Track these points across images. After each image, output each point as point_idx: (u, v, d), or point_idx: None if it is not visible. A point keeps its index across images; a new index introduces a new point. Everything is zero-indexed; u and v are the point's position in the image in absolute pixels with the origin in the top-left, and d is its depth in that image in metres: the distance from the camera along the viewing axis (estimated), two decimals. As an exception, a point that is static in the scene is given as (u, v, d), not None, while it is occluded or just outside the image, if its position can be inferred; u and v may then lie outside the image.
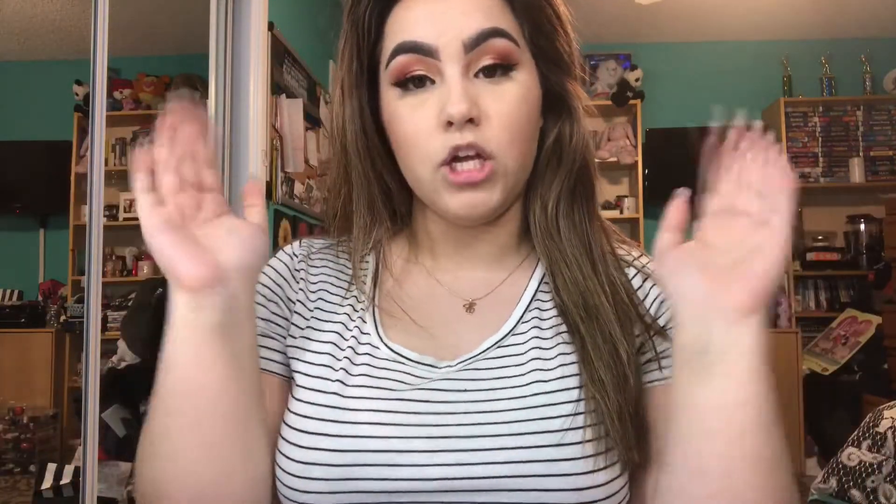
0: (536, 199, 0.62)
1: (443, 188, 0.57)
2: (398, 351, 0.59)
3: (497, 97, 0.56)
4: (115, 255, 3.68)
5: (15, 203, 3.64)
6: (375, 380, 0.57)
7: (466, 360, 0.58)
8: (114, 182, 3.61)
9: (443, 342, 0.60)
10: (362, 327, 0.61)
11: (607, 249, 0.62)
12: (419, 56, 0.56)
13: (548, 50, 0.60)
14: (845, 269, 4.05)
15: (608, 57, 4.29)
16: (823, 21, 4.02)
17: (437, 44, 0.55)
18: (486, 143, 0.55)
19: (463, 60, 0.55)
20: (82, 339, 1.72)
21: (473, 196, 0.56)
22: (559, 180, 0.61)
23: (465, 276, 0.64)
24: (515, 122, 0.56)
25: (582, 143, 0.62)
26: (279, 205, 2.51)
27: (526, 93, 0.58)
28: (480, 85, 0.56)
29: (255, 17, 2.34)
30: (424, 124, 0.56)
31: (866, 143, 4.15)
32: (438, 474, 0.52)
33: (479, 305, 0.62)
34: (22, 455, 3.00)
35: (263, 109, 2.35)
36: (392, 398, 0.56)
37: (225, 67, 2.31)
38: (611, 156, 4.12)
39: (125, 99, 3.68)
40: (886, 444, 1.72)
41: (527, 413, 0.54)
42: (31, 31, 3.46)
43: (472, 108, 0.54)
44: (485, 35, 0.55)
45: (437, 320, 0.61)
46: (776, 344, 3.72)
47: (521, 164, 0.58)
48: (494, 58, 0.56)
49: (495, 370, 0.57)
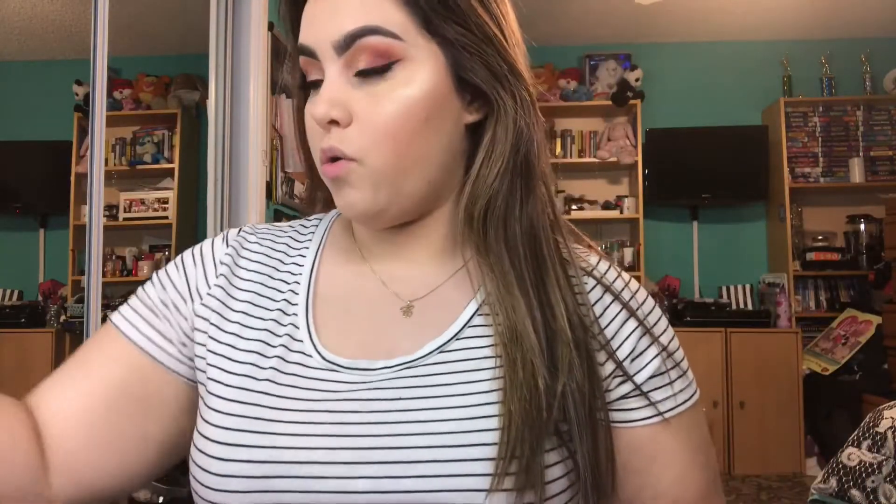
0: (462, 209, 0.57)
1: (329, 185, 0.57)
2: (331, 359, 0.55)
3: (368, 99, 0.53)
4: (115, 255, 3.68)
5: (15, 203, 3.64)
6: (303, 391, 0.53)
7: (405, 363, 0.55)
8: (114, 182, 3.61)
9: (380, 345, 0.56)
10: (294, 333, 0.57)
11: (554, 269, 0.56)
12: (307, 58, 0.55)
13: (458, 35, 0.54)
14: (845, 269, 4.05)
15: (608, 57, 4.29)
16: (823, 21, 4.02)
17: (315, 45, 0.54)
18: (345, 147, 0.53)
19: (339, 61, 0.53)
20: (82, 339, 1.72)
21: (347, 194, 0.55)
22: (487, 185, 0.55)
23: (402, 276, 0.60)
24: (383, 125, 0.53)
25: (515, 139, 0.55)
26: (279, 205, 2.51)
27: (401, 90, 0.53)
28: (356, 86, 0.54)
29: (255, 17, 2.34)
30: (311, 123, 0.56)
31: (866, 143, 4.15)
32: (365, 487, 0.49)
33: (418, 307, 0.58)
34: (22, 455, 2.99)
35: (263, 109, 2.35)
36: (319, 409, 0.52)
37: (225, 67, 2.31)
38: (611, 156, 4.12)
39: (125, 99, 3.68)
40: (886, 444, 1.72)
41: (461, 424, 0.51)
42: (31, 31, 3.46)
43: (331, 111, 0.53)
44: (353, 36, 0.52)
45: (374, 321, 0.58)
46: (776, 344, 3.72)
47: (395, 165, 0.54)
48: (368, 58, 0.53)
49: (433, 377, 0.53)
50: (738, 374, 3.70)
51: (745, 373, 3.69)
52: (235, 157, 2.32)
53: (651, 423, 0.56)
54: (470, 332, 0.56)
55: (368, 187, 0.54)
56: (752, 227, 4.33)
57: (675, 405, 0.57)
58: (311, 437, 0.51)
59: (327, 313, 0.59)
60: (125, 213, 3.60)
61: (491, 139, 0.56)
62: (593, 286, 0.58)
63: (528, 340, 0.52)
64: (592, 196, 4.23)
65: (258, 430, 0.52)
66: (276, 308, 0.59)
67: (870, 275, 3.82)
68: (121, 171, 3.67)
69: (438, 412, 0.51)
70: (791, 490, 3.37)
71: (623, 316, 0.57)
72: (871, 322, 3.70)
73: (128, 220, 3.60)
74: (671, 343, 0.59)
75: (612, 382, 0.56)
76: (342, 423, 0.52)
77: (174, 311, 0.60)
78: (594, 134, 4.26)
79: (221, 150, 2.30)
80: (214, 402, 0.54)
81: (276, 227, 0.67)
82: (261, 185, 2.33)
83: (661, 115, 4.26)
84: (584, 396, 0.52)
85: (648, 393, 0.56)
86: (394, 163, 0.54)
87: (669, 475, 0.57)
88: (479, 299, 0.57)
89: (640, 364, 0.56)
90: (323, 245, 0.64)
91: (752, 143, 4.13)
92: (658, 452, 0.57)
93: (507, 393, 0.51)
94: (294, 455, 0.50)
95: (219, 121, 2.30)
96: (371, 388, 0.53)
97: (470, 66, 0.55)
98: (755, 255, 4.31)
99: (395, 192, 0.55)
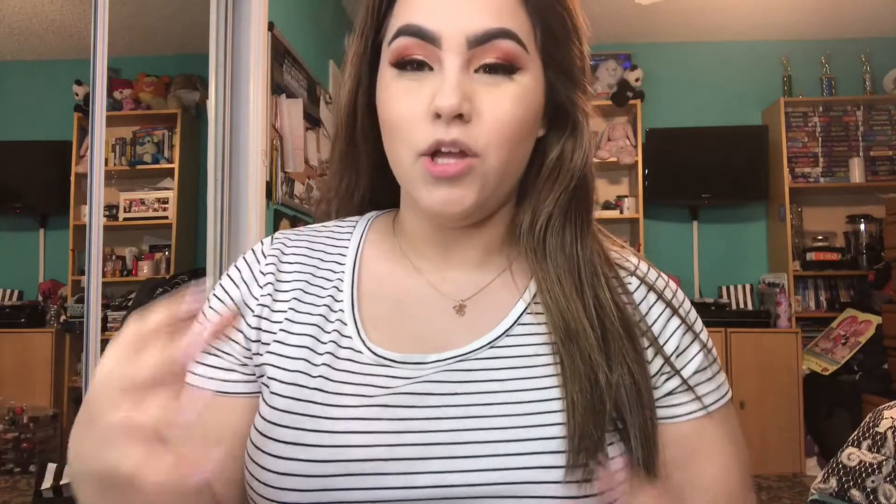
0: (527, 212, 0.60)
1: (420, 179, 0.54)
2: (382, 354, 0.56)
3: (493, 96, 0.54)
4: (115, 255, 3.68)
5: (15, 203, 3.64)
6: (357, 386, 0.54)
7: (457, 356, 0.56)
8: (114, 182, 3.61)
9: (431, 343, 0.57)
10: (342, 330, 0.58)
11: (602, 271, 0.59)
12: (421, 41, 0.53)
13: (559, 59, 0.57)
14: (845, 269, 4.05)
15: (608, 57, 4.29)
16: (823, 21, 4.02)
17: (441, 32, 0.53)
18: (472, 142, 0.53)
19: (465, 55, 0.53)
20: (82, 339, 1.72)
21: (450, 192, 0.53)
22: (553, 197, 0.59)
23: (452, 277, 0.61)
24: (507, 125, 0.54)
25: (583, 161, 0.59)
26: (279, 205, 2.51)
27: (525, 96, 0.55)
28: (479, 81, 0.54)
29: (255, 17, 2.34)
30: (413, 110, 0.54)
31: (866, 143, 4.15)
32: (429, 482, 0.50)
33: (469, 307, 0.59)
34: (22, 455, 3.00)
35: (263, 109, 2.35)
36: (375, 404, 0.53)
37: (225, 67, 2.31)
38: (611, 156, 4.12)
39: (125, 99, 3.68)
40: (886, 444, 1.72)
41: (521, 419, 0.52)
42: (31, 31, 3.46)
43: (462, 104, 0.52)
44: (491, 34, 0.53)
45: (424, 321, 0.59)
46: (776, 344, 3.73)
47: (505, 168, 0.55)
48: (498, 57, 0.53)
49: (487, 371, 0.55)
50: (738, 374, 3.69)
51: (745, 373, 3.69)
52: (235, 157, 2.32)
53: (695, 418, 0.58)
54: (520, 329, 0.58)
55: (478, 186, 0.54)
56: (752, 227, 4.33)
57: (717, 398, 0.60)
58: (371, 434, 0.52)
59: (375, 312, 0.59)
60: (125, 213, 3.60)
61: (559, 155, 0.59)
62: (637, 286, 0.61)
63: (584, 336, 0.55)
64: (592, 196, 4.23)
65: (316, 429, 0.52)
66: (323, 304, 0.59)
67: (870, 275, 3.82)
68: (121, 171, 3.67)
69: (496, 407, 0.53)
70: (791, 490, 3.37)
71: (667, 314, 0.60)
72: (871, 322, 3.70)
73: (128, 220, 3.61)
74: (709, 340, 0.61)
75: (658, 379, 0.58)
76: (401, 418, 0.52)
77: (231, 340, 0.59)
78: (594, 134, 4.25)
79: (221, 150, 2.30)
80: (272, 399, 0.55)
81: (310, 230, 0.66)
82: (261, 185, 2.33)
83: (661, 115, 4.26)
84: (636, 389, 0.54)
85: (694, 387, 0.58)
86: (505, 164, 0.55)
87: (711, 470, 0.59)
88: (528, 299, 0.59)
89: (684, 360, 0.58)
90: (362, 245, 0.64)
91: (752, 143, 4.13)
92: (700, 446, 0.58)
93: (569, 386, 0.53)
94: (355, 453, 0.51)
95: (219, 121, 2.30)
96: (425, 382, 0.54)
97: (563, 89, 0.58)
98: (755, 255, 4.31)
99: (495, 192, 0.56)
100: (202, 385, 0.59)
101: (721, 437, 0.59)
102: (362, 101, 0.60)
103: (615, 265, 0.61)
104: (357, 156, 0.63)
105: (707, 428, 0.58)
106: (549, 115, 0.59)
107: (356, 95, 0.60)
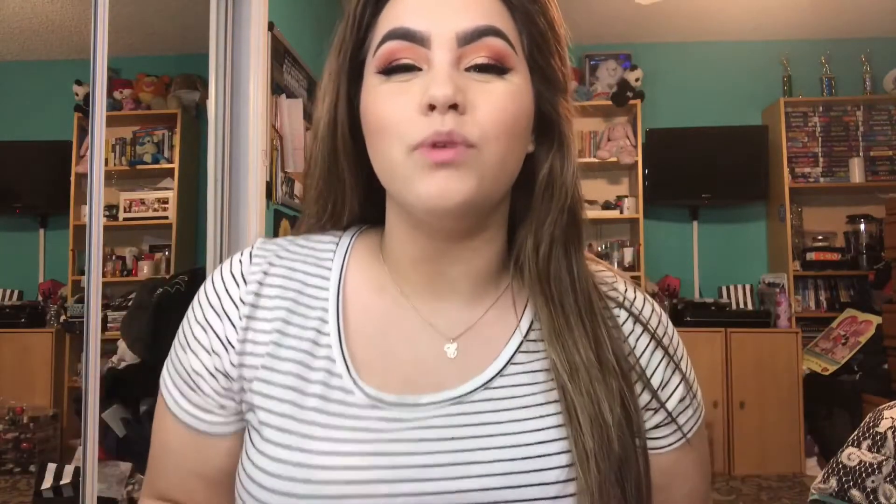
0: (529, 236, 0.58)
1: (416, 172, 0.51)
2: (374, 395, 0.54)
3: (486, 92, 0.52)
4: (115, 255, 3.68)
5: (15, 203, 3.64)
6: (351, 431, 0.52)
7: (451, 399, 0.54)
8: (114, 182, 3.62)
9: (423, 383, 0.55)
10: (331, 368, 0.55)
11: (595, 298, 0.58)
12: (409, 43, 0.52)
13: (544, 66, 0.56)
14: (845, 269, 4.05)
15: (608, 57, 4.29)
16: (823, 21, 4.02)
17: (430, 32, 0.52)
18: (468, 132, 0.50)
19: (455, 52, 0.52)
20: (82, 339, 1.72)
21: (448, 179, 0.50)
22: (552, 218, 0.57)
23: (443, 309, 0.58)
24: (502, 119, 0.52)
25: (573, 176, 0.58)
26: (279, 205, 2.51)
27: (518, 94, 0.54)
28: (470, 78, 0.52)
29: (255, 17, 2.34)
30: (403, 108, 0.51)
31: (866, 143, 4.15)
32: None
33: (461, 344, 0.57)
34: (22, 455, 3.00)
35: (263, 109, 2.35)
36: (370, 451, 0.51)
37: (225, 67, 2.31)
38: (611, 156, 4.12)
39: (125, 99, 3.68)
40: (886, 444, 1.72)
41: (522, 464, 0.51)
42: (31, 31, 3.46)
43: (457, 94, 0.50)
44: (481, 31, 0.52)
45: (415, 359, 0.56)
46: (776, 344, 3.73)
47: (502, 164, 0.53)
48: (488, 56, 0.52)
49: (483, 414, 0.53)
50: (738, 374, 3.69)
51: (745, 373, 3.69)
52: (235, 157, 2.32)
53: (675, 448, 0.60)
54: (514, 368, 0.56)
55: (475, 177, 0.51)
56: (752, 227, 4.33)
57: (694, 423, 0.62)
58: (368, 484, 0.50)
59: (364, 348, 0.56)
60: (125, 213, 3.60)
61: (549, 171, 0.58)
62: (626, 318, 0.60)
63: (586, 372, 0.54)
64: (592, 196, 4.23)
65: (309, 479, 0.50)
66: (307, 338, 0.56)
67: (870, 275, 3.82)
68: (121, 171, 3.67)
69: (494, 451, 0.52)
70: (791, 490, 3.37)
71: (652, 346, 0.60)
72: (871, 322, 3.70)
73: (128, 220, 3.61)
74: (688, 367, 0.62)
75: (645, 414, 0.59)
76: (397, 466, 0.51)
77: (208, 377, 0.57)
78: (594, 134, 4.26)
79: (221, 150, 2.30)
80: (260, 443, 0.53)
81: (291, 245, 0.62)
82: (261, 185, 2.33)
83: (661, 115, 4.26)
84: (631, 425, 0.55)
85: (676, 418, 0.60)
86: (502, 158, 0.53)
87: (687, 488, 0.62)
88: (520, 337, 0.58)
89: (667, 392, 0.60)
90: (345, 271, 0.60)
91: (752, 143, 4.13)
92: (679, 470, 0.61)
93: (580, 429, 0.52)
94: (352, 503, 0.50)
95: (219, 121, 2.30)
96: (421, 427, 0.53)
97: (548, 97, 0.57)
98: (755, 255, 4.31)
99: (492, 187, 0.53)
100: (183, 419, 0.58)
101: (695, 460, 0.62)
102: (343, 118, 0.58)
103: (605, 297, 0.60)
104: (340, 174, 0.59)
105: (685, 454, 0.61)
106: (536, 130, 0.58)
107: (335, 111, 0.58)
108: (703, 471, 0.63)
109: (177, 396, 0.58)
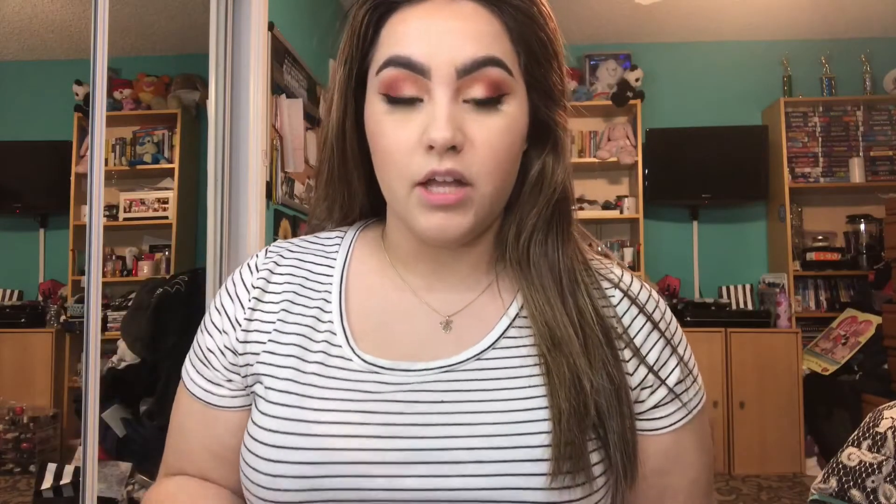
0: (512, 226, 0.62)
1: (416, 208, 0.56)
2: (372, 361, 0.58)
3: (484, 126, 0.55)
4: (115, 255, 3.68)
5: (15, 203, 3.64)
6: (347, 392, 0.56)
7: (444, 366, 0.58)
8: (114, 182, 3.61)
9: (419, 353, 0.59)
10: (332, 339, 0.60)
11: (582, 278, 0.61)
12: (410, 73, 0.55)
13: (541, 80, 0.59)
14: (845, 269, 4.05)
15: (608, 57, 4.29)
16: (823, 21, 4.02)
17: (430, 63, 0.54)
18: (465, 170, 0.54)
19: (454, 85, 0.54)
20: (82, 339, 1.72)
21: (446, 218, 0.55)
22: (536, 211, 0.61)
23: (440, 292, 0.63)
24: (497, 154, 0.56)
25: (564, 175, 0.62)
26: (279, 205, 2.51)
27: (512, 124, 0.57)
28: (467, 111, 0.55)
29: (255, 17, 2.34)
30: (406, 142, 0.55)
31: (866, 143, 4.15)
32: (413, 485, 0.52)
33: (456, 321, 0.62)
34: (22, 455, 3.00)
35: (263, 109, 2.35)
36: (364, 409, 0.55)
37: (225, 67, 2.31)
38: (611, 156, 4.12)
39: (125, 99, 3.68)
40: (886, 444, 1.72)
41: (506, 428, 0.54)
42: (31, 31, 3.46)
43: (455, 135, 0.53)
44: (478, 63, 0.54)
45: (412, 333, 0.61)
46: (776, 344, 3.72)
47: (498, 193, 0.58)
48: (485, 88, 0.55)
49: (474, 381, 0.57)
50: (738, 374, 3.70)
51: (745, 373, 3.69)
52: (235, 157, 2.32)
53: (676, 428, 0.61)
54: (505, 342, 0.60)
55: (473, 213, 0.56)
56: (752, 227, 4.33)
57: (698, 402, 0.63)
58: (360, 438, 0.54)
59: (364, 324, 0.61)
60: (125, 213, 3.60)
61: (541, 170, 0.61)
62: (621, 298, 0.63)
63: (568, 343, 0.57)
64: (592, 196, 4.23)
65: (306, 433, 0.55)
66: (311, 316, 0.62)
67: (870, 275, 3.82)
68: (121, 171, 3.67)
69: (482, 416, 0.55)
70: (791, 490, 3.37)
71: (648, 327, 0.62)
72: (871, 322, 3.70)
73: (128, 220, 3.61)
74: (686, 351, 0.64)
75: (641, 393, 0.60)
76: (389, 423, 0.55)
77: (218, 353, 0.63)
78: (594, 134, 4.25)
79: (221, 150, 2.30)
80: (264, 406, 0.58)
81: (302, 242, 0.68)
82: (261, 185, 2.33)
83: (661, 115, 4.26)
84: (616, 395, 0.57)
85: (680, 395, 0.61)
86: (497, 191, 0.57)
87: (690, 474, 0.63)
88: (512, 314, 0.62)
89: (665, 372, 0.61)
90: (349, 261, 0.65)
91: (752, 143, 4.13)
92: (680, 453, 0.62)
93: (556, 394, 0.55)
94: (343, 455, 0.53)
95: (219, 121, 2.30)
96: (413, 390, 0.57)
97: (545, 108, 0.60)
98: (755, 255, 4.31)
99: (487, 217, 0.58)
100: (195, 393, 0.64)
101: (696, 444, 0.63)
102: (350, 124, 0.62)
103: (597, 274, 0.63)
104: (349, 175, 0.64)
105: (686, 435, 0.62)
106: (531, 132, 0.61)
107: (344, 120, 0.62)
108: (705, 459, 0.64)
109: (192, 374, 0.64)
